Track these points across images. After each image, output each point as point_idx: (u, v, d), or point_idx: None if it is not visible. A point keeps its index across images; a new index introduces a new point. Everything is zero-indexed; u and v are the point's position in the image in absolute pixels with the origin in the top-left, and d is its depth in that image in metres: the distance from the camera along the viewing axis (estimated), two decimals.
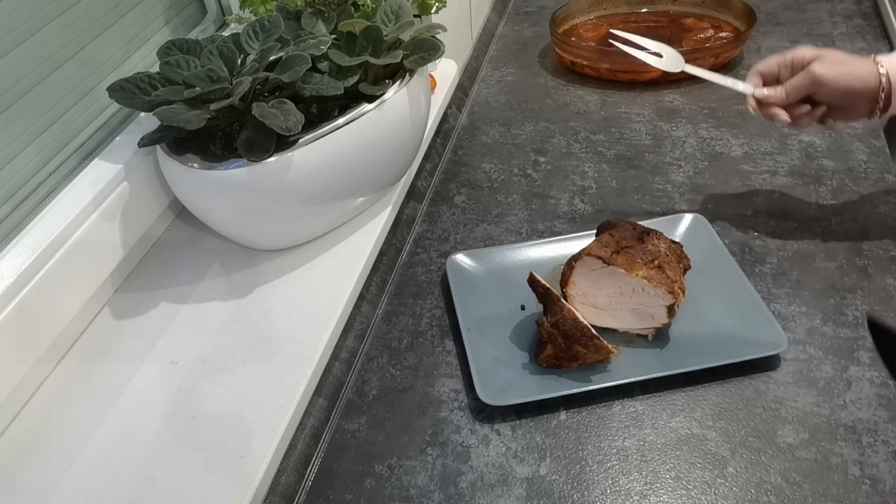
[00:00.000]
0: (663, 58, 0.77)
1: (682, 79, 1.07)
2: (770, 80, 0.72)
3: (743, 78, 0.72)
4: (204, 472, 0.53)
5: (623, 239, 0.66)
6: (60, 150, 0.65)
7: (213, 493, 0.52)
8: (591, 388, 0.62)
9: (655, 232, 0.68)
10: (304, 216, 0.68)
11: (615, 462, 0.58)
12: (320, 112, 0.66)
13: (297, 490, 0.59)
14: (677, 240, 0.74)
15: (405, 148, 0.72)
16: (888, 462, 0.56)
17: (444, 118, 1.01)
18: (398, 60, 0.65)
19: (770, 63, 0.72)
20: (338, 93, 0.61)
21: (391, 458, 0.60)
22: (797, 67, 0.69)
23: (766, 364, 0.64)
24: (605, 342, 0.62)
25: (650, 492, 0.56)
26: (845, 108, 0.69)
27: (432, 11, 0.81)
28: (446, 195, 0.90)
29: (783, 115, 0.69)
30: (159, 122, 0.58)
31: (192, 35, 0.79)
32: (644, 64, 0.77)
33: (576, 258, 0.66)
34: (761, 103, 0.71)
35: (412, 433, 0.62)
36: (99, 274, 0.64)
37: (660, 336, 0.66)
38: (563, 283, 0.67)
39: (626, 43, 0.78)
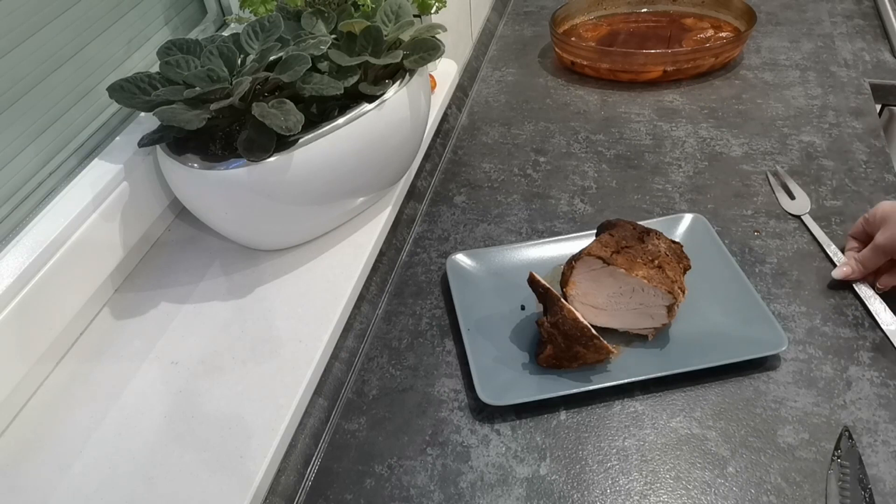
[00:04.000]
0: (795, 200, 0.82)
1: (682, 78, 1.07)
2: (864, 239, 0.72)
3: (744, 78, 0.72)
4: (204, 472, 0.53)
5: (623, 239, 0.66)
6: (60, 150, 0.65)
7: (213, 493, 0.52)
8: (591, 388, 0.62)
9: (655, 232, 0.68)
10: (304, 216, 0.68)
11: (615, 462, 0.58)
12: (320, 112, 0.66)
13: (297, 490, 0.59)
14: (677, 240, 0.74)
15: (405, 148, 0.72)
16: (888, 462, 0.56)
17: (444, 118, 1.01)
18: (398, 60, 0.65)
19: (856, 226, 0.73)
20: (338, 93, 0.61)
21: (391, 458, 0.60)
22: (875, 227, 0.69)
23: (766, 364, 0.64)
24: (605, 342, 0.62)
25: (650, 492, 0.56)
26: None
27: (432, 11, 0.81)
28: (446, 195, 0.90)
29: (879, 285, 0.69)
30: (159, 122, 0.58)
31: (192, 35, 0.79)
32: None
33: (576, 258, 0.66)
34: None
35: (412, 433, 0.62)
36: (99, 274, 0.64)
37: (660, 336, 0.66)
38: (563, 283, 0.67)
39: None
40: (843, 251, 0.74)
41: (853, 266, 0.70)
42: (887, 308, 0.68)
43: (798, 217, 0.80)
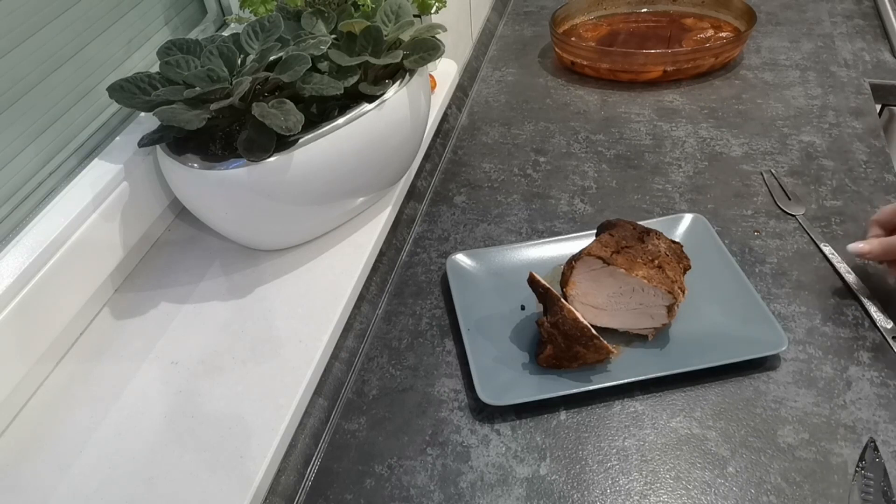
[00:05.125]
0: (791, 200, 0.80)
1: (682, 78, 1.07)
2: (889, 228, 0.70)
3: (744, 78, 0.72)
4: (204, 472, 0.53)
5: (623, 239, 0.66)
6: (60, 150, 0.65)
7: (213, 493, 0.52)
8: (591, 388, 0.62)
9: (655, 232, 0.68)
10: (304, 216, 0.68)
11: (615, 462, 0.58)
12: (320, 112, 0.66)
13: (297, 490, 0.59)
14: (677, 240, 0.74)
15: (405, 148, 0.72)
16: (888, 462, 0.56)
17: (444, 118, 1.01)
18: (398, 60, 0.65)
19: (886, 211, 0.70)
20: (338, 93, 0.61)
21: (391, 458, 0.60)
22: None
23: (766, 364, 0.64)
24: (605, 342, 0.62)
25: (650, 492, 0.56)
26: None
27: (432, 11, 0.81)
28: (446, 195, 0.90)
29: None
30: (159, 122, 0.58)
31: (192, 35, 0.79)
32: None
33: (576, 258, 0.66)
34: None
35: (412, 433, 0.62)
36: (99, 274, 0.64)
37: (660, 336, 0.66)
38: (563, 283, 0.67)
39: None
40: (837, 251, 0.74)
41: (872, 246, 0.67)
42: (883, 309, 0.68)
43: (794, 216, 0.80)
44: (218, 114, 0.59)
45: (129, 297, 0.69)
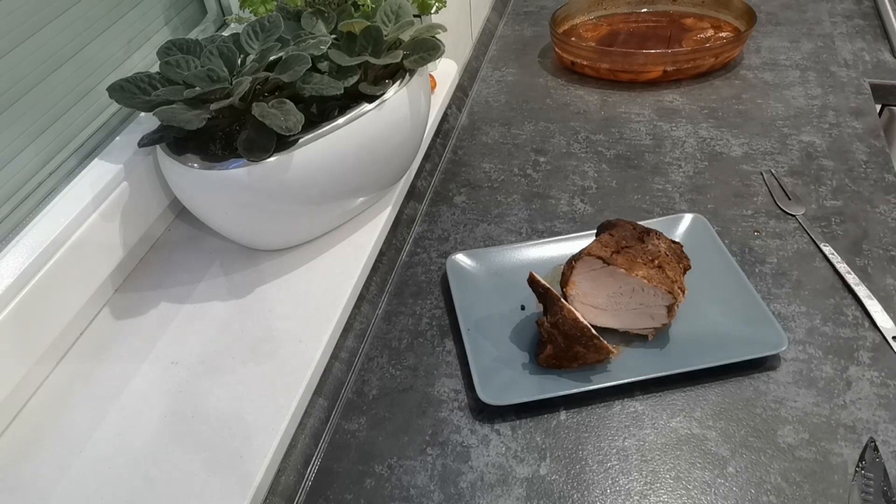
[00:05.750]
0: (791, 200, 0.80)
1: (682, 78, 1.07)
2: None
3: (744, 78, 0.72)
4: (204, 472, 0.53)
5: (623, 239, 0.66)
6: (60, 150, 0.65)
7: (213, 493, 0.52)
8: (591, 388, 0.62)
9: (655, 232, 0.68)
10: (304, 216, 0.68)
11: (615, 462, 0.58)
12: (320, 112, 0.66)
13: (297, 490, 0.59)
14: (677, 240, 0.74)
15: (405, 148, 0.72)
16: (888, 462, 0.56)
17: (444, 118, 1.01)
18: (398, 60, 0.65)
19: None
20: (338, 93, 0.61)
21: (391, 458, 0.60)
22: None
23: (766, 364, 0.64)
24: (605, 342, 0.62)
25: (650, 492, 0.56)
26: None
27: (432, 11, 0.81)
28: (446, 195, 0.90)
29: None
30: (159, 122, 0.58)
31: (192, 35, 0.79)
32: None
33: (576, 258, 0.66)
34: None
35: (412, 433, 0.62)
36: (99, 274, 0.64)
37: (660, 336, 0.66)
38: (563, 283, 0.67)
39: None
40: (837, 251, 0.74)
41: None
42: (883, 309, 0.68)
43: (794, 216, 0.80)
44: (218, 114, 0.59)
45: (129, 297, 0.69)
